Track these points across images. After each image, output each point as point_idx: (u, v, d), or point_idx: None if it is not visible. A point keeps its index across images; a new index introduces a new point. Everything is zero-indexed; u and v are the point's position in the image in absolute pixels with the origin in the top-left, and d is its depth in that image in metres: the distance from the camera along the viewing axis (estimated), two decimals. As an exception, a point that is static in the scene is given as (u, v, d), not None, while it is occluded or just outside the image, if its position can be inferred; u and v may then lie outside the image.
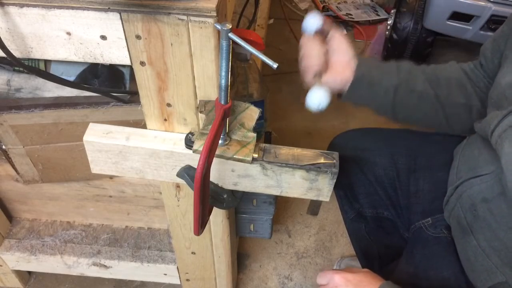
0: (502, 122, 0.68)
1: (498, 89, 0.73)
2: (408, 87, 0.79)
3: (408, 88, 0.79)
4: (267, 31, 1.66)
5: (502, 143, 0.67)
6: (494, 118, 0.70)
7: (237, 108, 0.71)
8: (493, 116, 0.71)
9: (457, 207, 0.79)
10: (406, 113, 0.82)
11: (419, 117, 0.83)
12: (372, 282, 0.74)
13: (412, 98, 0.80)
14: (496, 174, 0.71)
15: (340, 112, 1.98)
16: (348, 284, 0.74)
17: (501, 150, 0.67)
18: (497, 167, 0.70)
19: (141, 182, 1.03)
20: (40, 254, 1.15)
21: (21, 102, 0.86)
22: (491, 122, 0.70)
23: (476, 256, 0.74)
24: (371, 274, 0.76)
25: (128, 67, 0.82)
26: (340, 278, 0.75)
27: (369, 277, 0.75)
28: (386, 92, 0.78)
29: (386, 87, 0.78)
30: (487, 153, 0.74)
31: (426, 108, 0.81)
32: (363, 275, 0.75)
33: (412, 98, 0.79)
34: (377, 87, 0.78)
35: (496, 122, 0.69)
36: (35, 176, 1.00)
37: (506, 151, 0.66)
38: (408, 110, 0.81)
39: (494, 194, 0.71)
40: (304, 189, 0.75)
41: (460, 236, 0.79)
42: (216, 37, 0.60)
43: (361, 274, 0.76)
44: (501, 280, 0.71)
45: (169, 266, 1.14)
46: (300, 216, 1.57)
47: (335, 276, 0.76)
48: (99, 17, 0.60)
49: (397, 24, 2.00)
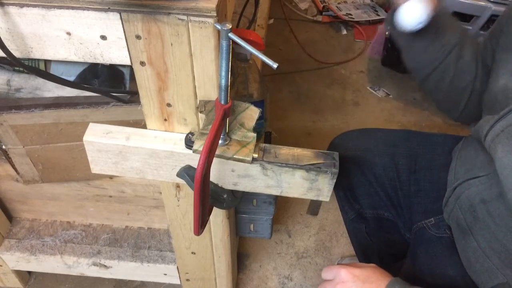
0: (494, 127, 0.68)
1: (490, 94, 0.72)
2: (460, 52, 0.77)
3: (460, 53, 0.77)
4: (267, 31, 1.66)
5: (495, 147, 0.67)
6: (487, 122, 0.70)
7: (237, 108, 0.71)
8: (486, 120, 0.70)
9: (456, 208, 0.79)
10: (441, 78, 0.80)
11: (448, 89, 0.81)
12: (380, 278, 0.71)
13: (457, 67, 0.78)
14: (493, 175, 0.70)
15: (340, 112, 1.98)
16: (355, 279, 0.71)
17: (495, 155, 0.67)
18: (494, 169, 0.70)
19: (141, 182, 1.03)
20: (40, 254, 1.15)
21: (21, 102, 0.86)
22: (484, 126, 0.70)
23: (477, 257, 0.74)
24: (379, 270, 0.74)
25: (128, 67, 0.82)
26: (346, 273, 0.72)
27: (377, 272, 0.73)
28: (445, 46, 0.76)
29: (447, 40, 0.76)
30: (484, 154, 0.74)
31: (461, 83, 0.79)
32: (370, 270, 0.73)
33: (457, 66, 0.78)
34: (441, 37, 0.76)
35: (488, 127, 0.69)
36: (35, 176, 1.00)
37: (499, 155, 0.65)
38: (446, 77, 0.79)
39: (493, 195, 0.71)
40: (304, 189, 0.75)
41: (460, 237, 0.79)
42: (216, 37, 0.60)
43: (369, 269, 0.73)
44: (502, 281, 0.70)
45: (169, 266, 1.14)
46: (300, 216, 1.57)
47: (341, 271, 0.73)
48: (99, 17, 0.60)
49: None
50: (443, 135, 0.99)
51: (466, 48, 0.78)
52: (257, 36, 0.69)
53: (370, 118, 1.97)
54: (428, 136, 0.99)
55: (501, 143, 0.65)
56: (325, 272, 0.76)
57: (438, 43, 0.77)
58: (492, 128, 0.68)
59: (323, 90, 2.07)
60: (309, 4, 2.65)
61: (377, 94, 2.07)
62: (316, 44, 2.33)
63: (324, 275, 0.76)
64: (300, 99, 2.04)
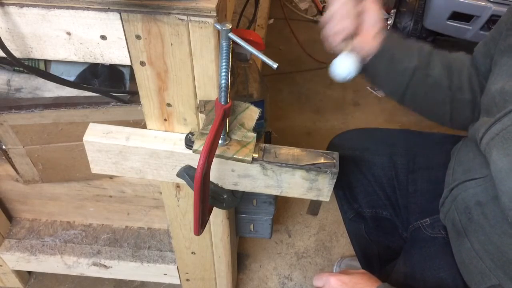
0: (490, 130, 0.68)
1: (489, 96, 0.72)
2: (426, 72, 0.76)
3: (425, 73, 0.76)
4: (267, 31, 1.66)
5: (491, 150, 0.67)
6: (483, 125, 0.70)
7: (237, 108, 0.71)
8: (482, 123, 0.70)
9: (452, 209, 0.79)
10: (415, 97, 0.80)
11: (427, 104, 0.81)
12: (368, 284, 0.73)
13: (426, 84, 0.77)
14: (490, 177, 0.70)
15: (340, 112, 1.98)
16: (343, 286, 0.73)
17: (490, 158, 0.67)
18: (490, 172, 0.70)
19: (141, 182, 1.03)
20: (40, 254, 1.15)
21: (21, 102, 0.86)
22: (479, 129, 0.70)
23: (470, 259, 0.74)
24: (367, 276, 0.75)
25: (128, 67, 0.82)
26: (335, 280, 0.74)
27: (365, 278, 0.74)
28: (404, 72, 0.76)
29: (405, 66, 0.75)
30: (482, 156, 0.74)
31: (437, 97, 0.79)
32: (359, 276, 0.74)
33: (426, 83, 0.77)
34: (397, 65, 0.75)
35: (484, 129, 0.69)
36: (35, 176, 1.00)
37: (494, 159, 0.65)
38: (419, 95, 0.79)
39: (488, 198, 0.71)
40: (304, 189, 0.75)
41: (455, 238, 0.79)
42: (216, 37, 0.60)
43: (357, 275, 0.75)
44: (495, 283, 0.71)
45: (169, 266, 1.14)
46: (300, 216, 1.57)
47: (330, 279, 0.75)
48: (99, 17, 0.60)
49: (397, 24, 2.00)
50: (441, 135, 0.99)
51: (432, 66, 0.77)
52: (257, 36, 0.69)
53: (370, 118, 1.97)
54: (427, 136, 0.99)
55: (496, 146, 0.66)
56: (316, 280, 0.78)
57: (397, 69, 0.76)
58: (488, 131, 0.68)
59: (323, 90, 2.07)
60: (309, 4, 2.65)
61: (377, 94, 2.07)
62: (316, 44, 2.33)
63: (315, 282, 0.78)
64: (300, 99, 2.04)
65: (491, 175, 0.67)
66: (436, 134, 1.01)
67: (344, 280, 0.74)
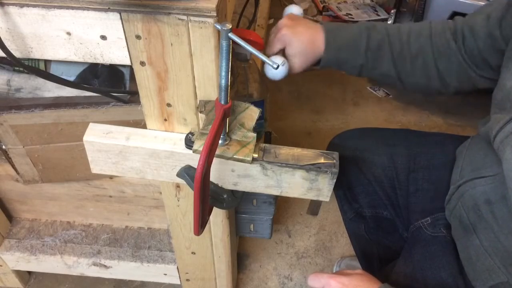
0: (504, 128, 0.67)
1: (503, 91, 0.71)
2: (373, 66, 0.82)
3: (372, 67, 0.82)
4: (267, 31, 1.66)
5: (504, 149, 0.66)
6: (496, 123, 0.69)
7: (237, 108, 0.71)
8: (496, 121, 0.70)
9: (458, 206, 0.79)
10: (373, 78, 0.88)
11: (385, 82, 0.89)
12: (368, 285, 0.72)
13: (375, 74, 0.84)
14: (500, 176, 0.70)
15: (340, 112, 1.98)
16: None
17: (503, 156, 0.66)
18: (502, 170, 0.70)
19: (141, 182, 1.03)
20: (40, 254, 1.15)
21: (21, 102, 0.86)
22: (493, 127, 0.70)
23: (478, 256, 0.74)
24: (367, 277, 0.74)
25: (128, 67, 0.82)
26: (336, 283, 0.72)
27: (365, 280, 0.73)
28: (353, 69, 0.83)
29: (352, 65, 0.82)
30: (493, 154, 0.73)
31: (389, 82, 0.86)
32: (359, 278, 0.73)
33: (375, 74, 0.84)
34: (344, 66, 0.83)
35: (498, 127, 0.68)
36: (35, 176, 1.00)
37: (507, 157, 0.65)
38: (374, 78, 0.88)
39: (497, 196, 0.71)
40: (304, 189, 0.75)
41: (462, 235, 0.78)
42: (216, 37, 0.60)
43: (357, 277, 0.74)
44: (503, 280, 0.70)
45: (169, 266, 1.14)
46: (300, 216, 1.57)
47: (331, 282, 0.73)
48: (99, 17, 0.60)
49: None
50: (442, 135, 0.99)
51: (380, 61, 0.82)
52: (257, 36, 0.69)
53: (370, 118, 1.97)
54: (427, 136, 0.99)
55: (510, 144, 0.65)
56: (312, 280, 0.76)
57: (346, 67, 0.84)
58: (502, 129, 0.68)
59: (323, 90, 2.07)
60: (309, 4, 2.65)
61: (377, 94, 2.07)
62: (316, 44, 2.33)
63: (311, 283, 0.76)
64: (300, 99, 2.04)
65: (502, 173, 0.67)
66: (436, 134, 1.01)
67: (345, 282, 0.73)
